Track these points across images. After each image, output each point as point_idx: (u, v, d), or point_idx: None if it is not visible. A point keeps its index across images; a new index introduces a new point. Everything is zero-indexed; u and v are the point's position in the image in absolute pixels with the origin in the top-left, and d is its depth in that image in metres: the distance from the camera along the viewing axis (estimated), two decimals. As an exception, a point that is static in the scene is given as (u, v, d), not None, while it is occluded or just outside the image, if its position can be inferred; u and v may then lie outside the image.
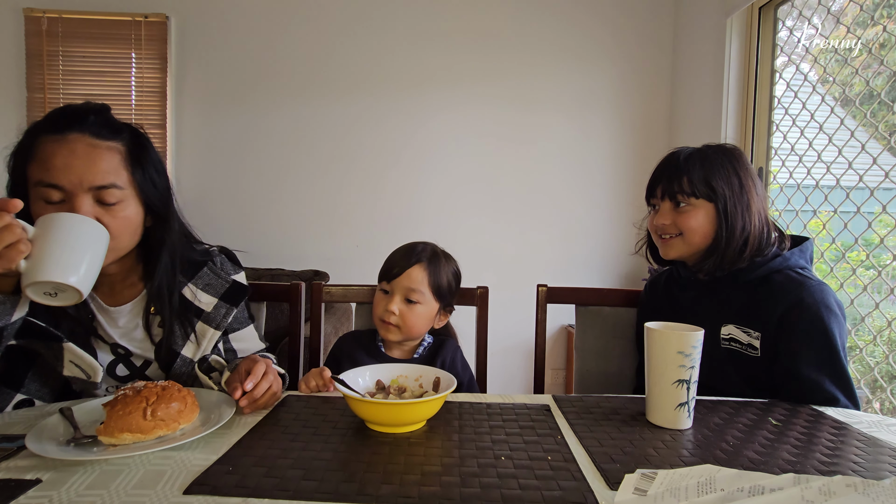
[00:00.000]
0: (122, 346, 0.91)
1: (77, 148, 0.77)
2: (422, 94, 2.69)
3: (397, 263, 1.02)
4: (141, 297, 0.93)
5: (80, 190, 0.77)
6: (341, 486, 0.57)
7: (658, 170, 1.08)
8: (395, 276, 1.01)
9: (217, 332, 0.96)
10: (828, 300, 0.92)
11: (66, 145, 0.77)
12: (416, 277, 1.01)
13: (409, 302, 1.00)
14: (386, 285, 1.03)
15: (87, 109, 0.82)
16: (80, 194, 0.77)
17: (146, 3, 2.58)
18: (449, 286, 1.06)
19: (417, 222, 2.71)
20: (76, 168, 0.76)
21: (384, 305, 1.01)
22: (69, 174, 0.76)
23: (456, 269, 1.09)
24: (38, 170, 0.76)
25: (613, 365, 1.26)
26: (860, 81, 1.74)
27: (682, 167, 1.02)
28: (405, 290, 1.00)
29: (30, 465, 0.60)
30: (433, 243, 1.08)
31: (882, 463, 0.66)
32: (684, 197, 1.01)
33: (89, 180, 0.77)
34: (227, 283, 1.00)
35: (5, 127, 2.58)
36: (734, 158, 1.02)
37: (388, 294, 1.02)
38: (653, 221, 1.08)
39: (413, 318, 1.01)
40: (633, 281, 2.77)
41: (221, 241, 1.15)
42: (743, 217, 0.99)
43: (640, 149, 2.76)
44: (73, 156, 0.76)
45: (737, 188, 0.99)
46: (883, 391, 1.61)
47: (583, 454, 0.67)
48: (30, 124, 0.83)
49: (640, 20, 2.71)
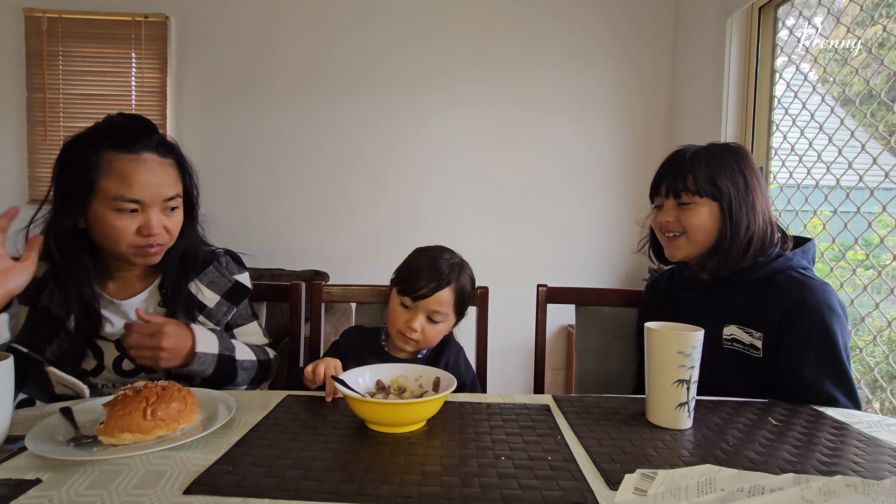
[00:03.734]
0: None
1: (153, 167, 0.89)
2: (422, 94, 2.69)
3: (424, 284, 0.96)
4: (151, 289, 0.99)
5: (155, 203, 0.90)
6: (341, 486, 0.57)
7: (663, 167, 1.07)
8: (423, 296, 0.96)
9: (216, 328, 0.99)
10: (830, 301, 0.92)
11: (142, 164, 0.88)
12: (444, 300, 0.98)
13: (433, 321, 0.99)
14: (409, 302, 0.98)
15: (150, 128, 0.92)
16: (154, 206, 0.90)
17: (146, 3, 2.58)
18: (469, 298, 1.05)
19: (417, 222, 2.71)
20: (153, 185, 0.88)
21: (405, 320, 0.98)
22: (148, 191, 0.88)
23: (472, 275, 1.07)
24: (118, 185, 0.86)
25: (613, 365, 1.26)
26: (860, 81, 1.74)
27: (688, 165, 1.01)
28: (430, 311, 0.98)
29: (30, 465, 0.60)
30: (452, 251, 1.05)
31: (882, 463, 0.66)
32: (688, 195, 1.01)
33: (162, 194, 0.90)
34: (230, 283, 1.04)
35: (5, 127, 2.58)
36: (740, 157, 1.01)
37: (410, 310, 0.98)
38: (656, 219, 1.08)
39: (434, 335, 1.00)
40: (633, 281, 2.77)
41: (221, 241, 1.16)
42: (748, 216, 0.98)
43: (640, 149, 2.76)
44: (150, 174, 0.88)
45: (742, 187, 0.99)
46: (883, 391, 1.61)
47: (583, 454, 0.67)
48: (81, 135, 0.90)
49: (640, 20, 2.71)
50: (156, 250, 0.93)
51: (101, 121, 0.92)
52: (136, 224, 0.89)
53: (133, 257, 0.92)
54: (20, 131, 2.59)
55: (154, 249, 0.92)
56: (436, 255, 1.02)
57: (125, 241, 0.89)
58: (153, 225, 0.89)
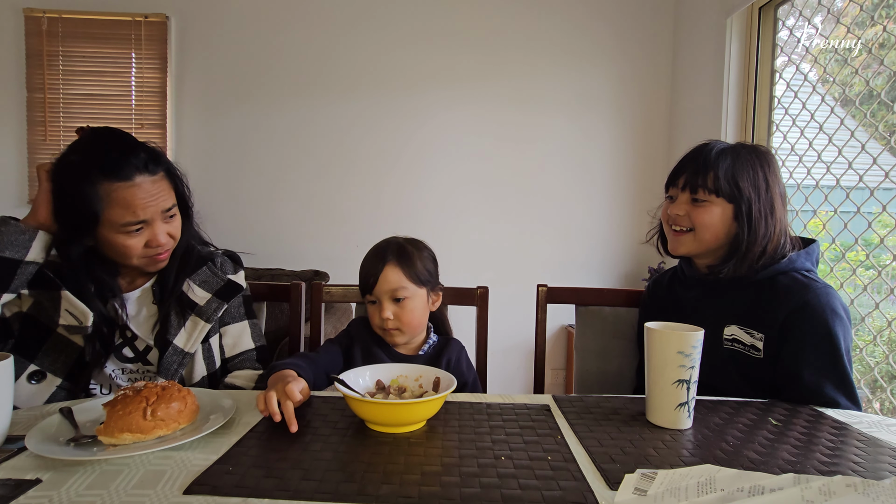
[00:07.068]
0: (130, 329, 1.00)
1: (148, 188, 0.93)
2: (422, 94, 2.69)
3: (370, 272, 1.01)
4: (149, 285, 1.03)
5: (157, 217, 0.95)
6: (341, 486, 0.57)
7: (685, 160, 1.05)
8: (373, 284, 1.00)
9: (207, 325, 1.02)
10: (833, 303, 0.91)
11: (140, 189, 0.91)
12: (393, 278, 1.00)
13: (398, 301, 1.00)
14: (370, 297, 1.02)
15: (134, 149, 0.93)
16: (157, 220, 0.95)
17: (146, 3, 2.58)
18: (427, 271, 1.04)
19: (417, 222, 2.71)
20: (153, 204, 0.93)
21: (378, 315, 1.01)
22: (150, 210, 0.93)
23: (427, 251, 1.08)
24: (121, 213, 0.90)
25: (613, 365, 1.26)
26: (860, 81, 1.74)
27: (712, 163, 0.99)
28: (388, 293, 1.00)
29: (30, 465, 0.60)
30: (395, 237, 1.07)
31: (882, 463, 0.66)
32: (705, 192, 0.99)
33: (161, 208, 0.95)
34: (222, 282, 1.07)
35: (5, 127, 2.58)
36: (766, 163, 1.00)
37: (377, 303, 1.01)
38: (667, 210, 1.07)
39: (408, 315, 1.00)
40: (633, 281, 2.77)
41: (221, 241, 1.17)
42: (767, 223, 0.97)
43: (641, 148, 2.75)
44: (148, 195, 0.92)
45: (764, 192, 0.98)
46: (883, 391, 1.61)
47: (583, 454, 0.67)
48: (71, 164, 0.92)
49: (640, 20, 2.71)
50: (164, 256, 0.99)
51: (83, 143, 0.93)
52: (144, 239, 0.94)
53: (145, 266, 0.99)
54: (20, 131, 2.58)
55: (163, 255, 0.99)
56: (375, 247, 1.05)
57: (135, 256, 0.95)
58: (160, 238, 0.95)
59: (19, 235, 0.89)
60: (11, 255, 0.88)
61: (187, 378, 1.01)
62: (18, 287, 0.91)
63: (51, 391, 0.94)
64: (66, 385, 0.95)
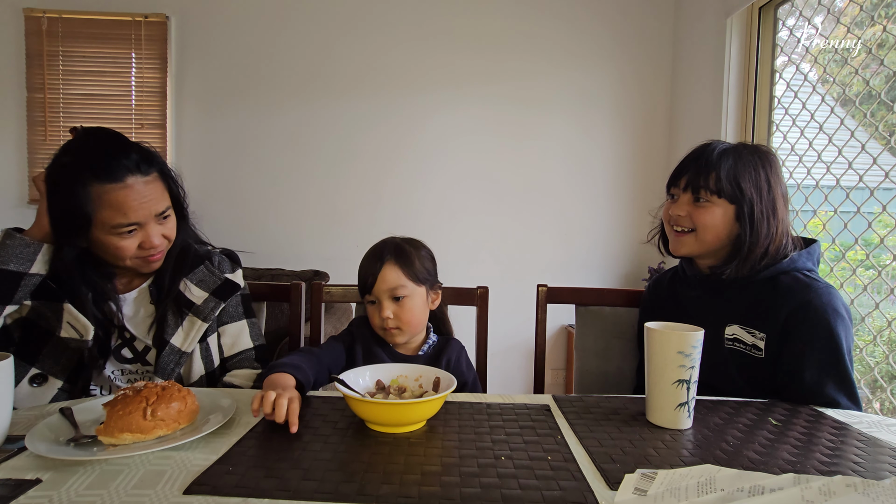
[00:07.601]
0: (129, 329, 1.00)
1: (140, 190, 0.91)
2: (422, 94, 2.69)
3: (368, 272, 1.01)
4: (146, 285, 1.03)
5: (150, 219, 0.93)
6: (341, 486, 0.57)
7: (687, 160, 1.04)
8: (372, 284, 1.00)
9: (204, 324, 1.02)
10: (835, 303, 0.91)
11: (131, 190, 0.90)
12: (391, 277, 1.00)
13: (397, 300, 1.00)
14: (369, 297, 1.02)
15: (125, 149, 0.92)
16: (150, 221, 0.94)
17: (146, 3, 2.58)
18: (426, 269, 1.05)
19: (417, 222, 2.71)
20: (145, 206, 0.92)
21: (378, 315, 1.01)
22: (142, 212, 0.92)
23: (425, 250, 1.08)
24: (113, 215, 0.89)
25: (613, 365, 1.26)
26: (860, 81, 1.74)
27: (714, 163, 0.99)
28: (388, 292, 1.00)
29: (30, 465, 0.60)
30: (392, 237, 1.07)
31: (882, 463, 0.66)
32: (707, 193, 0.99)
33: (155, 210, 0.94)
34: (219, 281, 1.06)
35: (5, 127, 2.58)
36: (768, 163, 1.00)
37: (376, 303, 1.01)
38: (668, 211, 1.07)
39: (408, 314, 1.00)
40: (633, 281, 2.77)
41: (221, 241, 1.17)
42: (769, 223, 0.97)
43: (641, 148, 2.75)
44: (140, 197, 0.91)
45: (766, 193, 0.97)
46: (883, 391, 1.61)
47: (583, 454, 0.67)
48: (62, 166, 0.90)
49: (640, 20, 2.71)
50: (158, 257, 0.99)
51: (75, 144, 0.93)
52: (137, 241, 0.94)
53: (139, 267, 0.98)
54: (20, 131, 2.58)
55: (156, 257, 0.98)
56: (373, 248, 1.05)
57: (129, 257, 0.94)
58: (153, 239, 0.95)
59: (24, 248, 0.89)
60: (16, 268, 0.88)
61: (185, 377, 1.01)
62: (21, 299, 0.91)
63: (52, 393, 0.94)
64: (66, 387, 0.95)
